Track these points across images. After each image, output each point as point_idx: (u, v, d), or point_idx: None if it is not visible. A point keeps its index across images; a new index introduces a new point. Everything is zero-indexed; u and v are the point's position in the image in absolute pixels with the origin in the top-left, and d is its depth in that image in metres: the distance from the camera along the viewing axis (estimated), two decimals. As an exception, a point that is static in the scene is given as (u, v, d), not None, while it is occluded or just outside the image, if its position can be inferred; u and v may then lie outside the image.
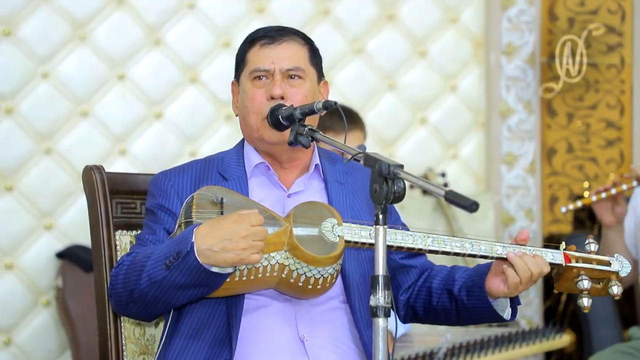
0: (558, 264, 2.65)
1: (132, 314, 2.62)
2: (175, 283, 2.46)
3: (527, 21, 5.46)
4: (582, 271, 2.65)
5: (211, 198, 2.52)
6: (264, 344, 2.56)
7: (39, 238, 4.94)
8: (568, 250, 2.67)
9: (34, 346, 4.90)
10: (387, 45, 5.39)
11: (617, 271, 2.69)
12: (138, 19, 5.08)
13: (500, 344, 4.25)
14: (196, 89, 5.16)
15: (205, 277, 2.45)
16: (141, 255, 2.55)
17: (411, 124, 5.44)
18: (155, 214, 2.65)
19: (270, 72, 2.65)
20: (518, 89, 5.47)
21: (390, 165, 2.34)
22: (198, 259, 2.42)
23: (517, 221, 5.46)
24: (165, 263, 2.46)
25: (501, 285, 2.60)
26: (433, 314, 2.73)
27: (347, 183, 2.73)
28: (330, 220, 2.54)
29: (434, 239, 2.56)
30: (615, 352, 3.92)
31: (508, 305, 2.67)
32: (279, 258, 2.50)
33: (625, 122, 5.61)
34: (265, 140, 2.66)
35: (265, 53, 2.66)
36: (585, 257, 2.67)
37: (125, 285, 2.54)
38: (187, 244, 2.44)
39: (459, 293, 2.66)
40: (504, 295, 2.61)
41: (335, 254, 2.51)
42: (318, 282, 2.51)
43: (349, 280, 2.62)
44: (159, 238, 2.61)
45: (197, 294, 2.50)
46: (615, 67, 5.60)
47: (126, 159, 5.06)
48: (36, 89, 4.96)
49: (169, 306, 2.55)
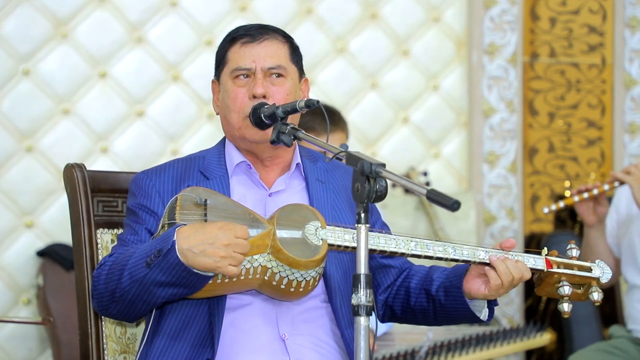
0: (540, 270, 2.65)
1: (114, 315, 2.61)
2: (156, 281, 2.46)
3: (509, 21, 5.48)
4: (563, 277, 2.66)
5: (195, 199, 2.52)
6: (246, 343, 2.56)
7: (20, 236, 4.93)
8: (550, 256, 2.68)
9: (15, 345, 4.88)
10: (370, 44, 5.40)
11: (598, 277, 2.70)
12: (120, 16, 5.07)
13: (482, 343, 4.26)
14: (178, 88, 5.15)
15: (185, 276, 2.44)
16: (122, 255, 2.54)
17: (393, 123, 5.45)
18: (136, 214, 2.64)
19: (252, 71, 2.65)
20: (500, 89, 5.49)
21: (372, 164, 2.34)
22: (179, 257, 2.42)
23: (498, 220, 5.48)
24: (146, 261, 2.45)
25: (482, 287, 2.60)
26: (411, 314, 2.73)
27: (328, 182, 2.73)
28: (314, 224, 2.54)
29: (417, 243, 2.56)
30: (596, 350, 3.94)
31: (485, 306, 2.68)
32: (261, 260, 2.50)
33: (606, 122, 5.64)
34: (247, 138, 2.65)
35: (246, 52, 2.65)
36: (567, 262, 2.68)
37: (107, 285, 2.54)
38: (168, 242, 2.43)
39: (436, 293, 2.67)
40: (484, 297, 2.62)
41: (318, 257, 2.51)
42: (300, 285, 2.52)
43: (330, 280, 2.63)
44: (141, 238, 2.61)
45: (178, 294, 2.50)
46: (597, 66, 5.62)
47: (108, 157, 5.05)
48: (17, 86, 4.94)
49: (150, 305, 2.54)
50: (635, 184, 3.77)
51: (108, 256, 2.60)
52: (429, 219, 5.18)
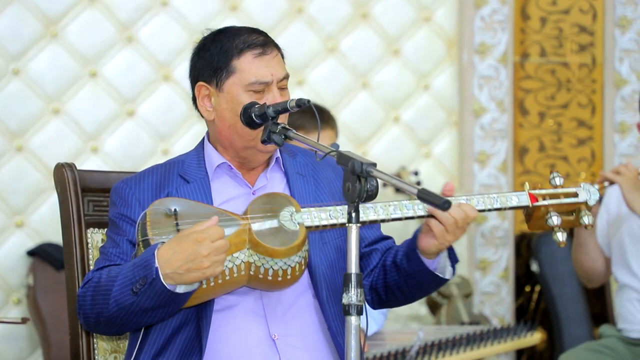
0: (525, 206, 2.61)
1: (102, 332, 2.66)
2: (144, 307, 2.48)
3: (500, 20, 5.49)
4: (550, 208, 2.61)
5: (164, 211, 2.51)
6: (235, 344, 2.56)
7: (10, 236, 4.91)
8: (533, 190, 2.63)
9: (5, 345, 4.87)
10: (360, 43, 5.40)
11: (585, 201, 2.64)
12: (110, 16, 5.06)
13: (472, 342, 4.26)
14: (169, 87, 5.15)
15: (172, 297, 2.47)
16: (105, 277, 2.54)
17: (384, 123, 5.45)
18: (117, 225, 2.64)
19: (269, 84, 2.65)
20: (491, 88, 5.50)
21: (363, 164, 2.34)
22: (165, 284, 2.44)
23: (489, 220, 5.49)
24: (131, 289, 2.47)
25: (431, 239, 2.56)
26: (391, 293, 2.70)
27: (308, 175, 2.73)
28: (288, 209, 2.53)
29: (395, 206, 2.55)
30: (586, 349, 3.95)
31: (448, 265, 2.64)
32: (243, 257, 2.50)
33: (596, 121, 5.65)
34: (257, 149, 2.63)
35: (262, 64, 2.65)
36: (552, 193, 2.62)
37: (93, 307, 2.56)
38: (151, 269, 2.44)
39: (400, 262, 2.65)
40: (436, 248, 2.57)
41: (297, 242, 2.51)
42: (287, 273, 2.51)
43: (315, 272, 2.62)
44: (123, 250, 2.61)
45: (166, 313, 2.52)
46: (587, 66, 5.63)
47: (98, 157, 5.04)
48: (7, 86, 4.93)
49: (138, 326, 2.58)
50: (625, 184, 3.78)
51: (93, 271, 2.61)
52: (420, 219, 5.17)
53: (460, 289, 5.10)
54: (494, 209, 2.61)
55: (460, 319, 4.95)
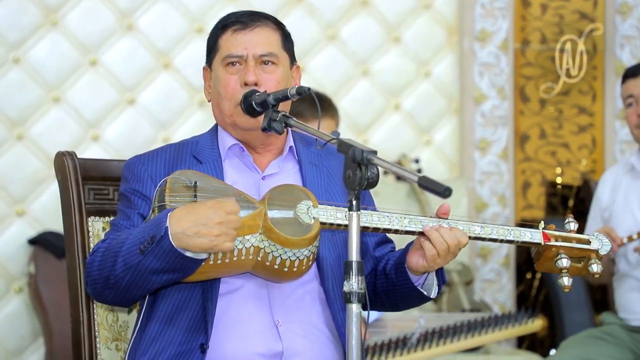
0: (537, 243, 2.64)
1: (109, 300, 2.61)
2: (150, 268, 2.46)
3: (500, 7, 5.48)
4: (561, 250, 2.64)
5: (185, 182, 2.52)
6: (239, 329, 2.57)
7: (11, 224, 4.92)
8: (547, 229, 2.66)
9: (7, 333, 4.88)
10: (360, 31, 5.39)
11: (596, 249, 2.67)
12: (110, 3, 5.05)
13: (473, 329, 4.27)
14: (169, 75, 5.15)
15: (179, 261, 2.44)
16: (115, 241, 2.54)
17: (385, 110, 5.44)
18: (129, 199, 2.64)
19: (244, 58, 2.64)
20: (491, 75, 5.49)
21: (363, 151, 2.34)
22: (172, 243, 2.42)
23: (490, 207, 5.49)
24: (139, 248, 2.45)
25: (420, 259, 2.57)
26: (378, 298, 2.71)
27: (322, 166, 2.73)
28: (306, 203, 2.54)
29: (410, 219, 2.55)
30: (587, 336, 3.95)
31: (435, 284, 2.65)
32: (253, 241, 2.50)
33: (597, 108, 5.64)
34: (238, 126, 2.65)
35: (238, 39, 2.65)
36: (565, 236, 2.66)
37: (100, 271, 2.54)
38: (161, 228, 2.43)
39: (389, 271, 2.66)
40: (424, 269, 2.58)
41: (310, 235, 2.51)
42: (294, 265, 2.51)
43: (323, 263, 2.63)
44: (134, 223, 2.61)
45: (172, 279, 2.50)
46: (588, 53, 5.62)
47: (99, 145, 5.04)
48: (7, 75, 4.93)
49: (144, 291, 2.54)
50: None
51: (101, 242, 2.60)
52: (421, 206, 5.18)
53: (461, 276, 5.11)
54: (506, 241, 2.62)
55: (461, 306, 4.96)
